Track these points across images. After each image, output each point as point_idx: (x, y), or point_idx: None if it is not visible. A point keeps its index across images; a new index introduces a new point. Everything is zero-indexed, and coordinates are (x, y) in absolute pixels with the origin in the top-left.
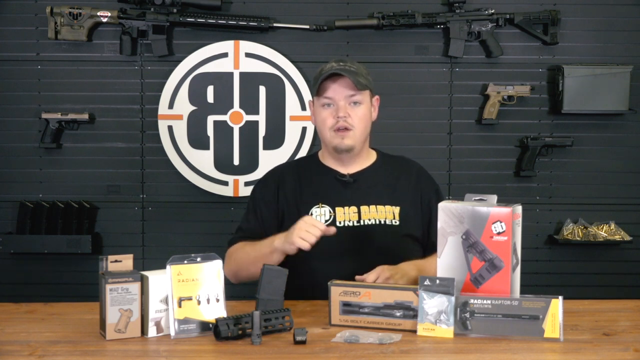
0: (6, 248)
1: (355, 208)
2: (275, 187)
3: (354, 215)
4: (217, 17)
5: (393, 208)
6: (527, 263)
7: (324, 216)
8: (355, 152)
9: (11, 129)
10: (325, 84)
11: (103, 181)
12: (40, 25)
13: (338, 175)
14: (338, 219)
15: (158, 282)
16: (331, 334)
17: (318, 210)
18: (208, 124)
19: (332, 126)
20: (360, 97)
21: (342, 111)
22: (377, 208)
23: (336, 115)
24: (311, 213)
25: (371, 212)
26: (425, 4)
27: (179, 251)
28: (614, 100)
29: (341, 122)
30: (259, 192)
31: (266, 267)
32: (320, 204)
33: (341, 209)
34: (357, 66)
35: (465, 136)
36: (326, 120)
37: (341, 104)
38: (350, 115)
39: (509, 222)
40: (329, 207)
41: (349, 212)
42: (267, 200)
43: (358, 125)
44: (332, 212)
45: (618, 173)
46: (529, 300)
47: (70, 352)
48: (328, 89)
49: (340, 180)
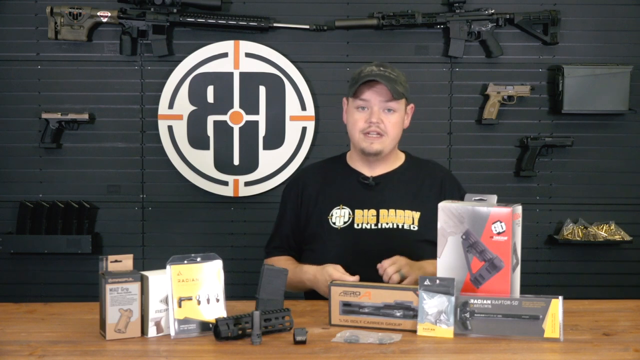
0: (6, 248)
1: (375, 211)
2: (299, 189)
3: (373, 218)
4: (217, 17)
5: (413, 213)
6: (527, 263)
7: (343, 217)
8: (382, 156)
9: (11, 129)
10: (363, 88)
11: (103, 181)
12: (40, 25)
13: (361, 178)
14: (357, 221)
15: (158, 282)
16: (331, 334)
17: (338, 212)
18: (208, 124)
19: (363, 129)
20: (396, 105)
21: (376, 117)
22: (397, 212)
23: (369, 119)
24: (332, 214)
25: (390, 216)
26: (425, 4)
27: (179, 251)
28: (614, 100)
29: (373, 127)
30: (285, 196)
31: (266, 267)
32: (340, 206)
33: (360, 211)
34: (397, 73)
35: (465, 136)
36: (358, 122)
37: (375, 109)
38: (383, 121)
39: (509, 222)
40: (349, 209)
41: (368, 214)
42: (293, 202)
43: (390, 132)
44: (351, 214)
45: (618, 173)
46: (529, 300)
47: (70, 352)
48: (364, 93)
49: (363, 182)
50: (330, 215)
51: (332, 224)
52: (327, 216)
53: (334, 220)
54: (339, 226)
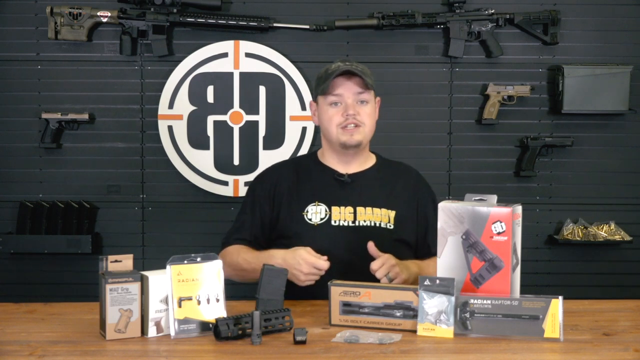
0: (6, 248)
1: (352, 208)
2: (272, 184)
3: (350, 215)
4: (217, 17)
5: (389, 212)
6: (527, 263)
7: (319, 214)
8: (361, 148)
9: (11, 129)
10: (335, 82)
11: (103, 181)
12: (40, 25)
13: (336, 175)
14: (333, 218)
15: (158, 282)
16: (331, 334)
17: (314, 208)
18: (208, 124)
19: (340, 123)
20: (368, 96)
21: (352, 109)
22: (373, 210)
23: (345, 113)
24: (307, 211)
25: (367, 214)
26: (425, 4)
27: (179, 251)
28: (614, 100)
29: (351, 119)
30: (256, 189)
31: (266, 267)
32: (316, 202)
33: (337, 208)
34: (362, 67)
35: (465, 136)
36: (333, 117)
37: (349, 102)
38: (359, 112)
39: (509, 222)
40: (325, 205)
41: (345, 212)
42: (264, 197)
43: (367, 122)
44: (327, 210)
45: (618, 173)
46: (529, 300)
47: (70, 352)
48: (338, 87)
49: (338, 179)
50: (306, 211)
51: (307, 220)
52: (302, 212)
53: (309, 216)
54: (315, 222)
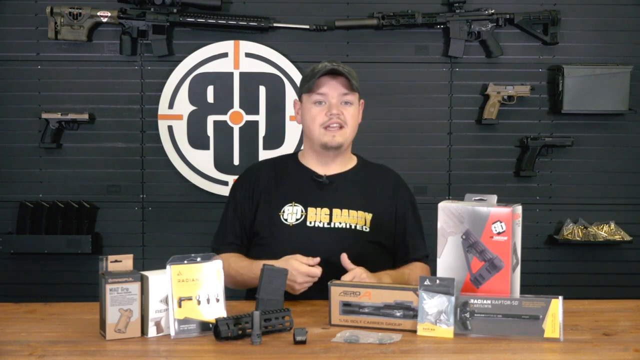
0: (6, 248)
1: (328, 210)
2: (251, 185)
3: (326, 217)
4: (217, 17)
5: (365, 214)
6: (527, 263)
7: (295, 214)
8: (342, 150)
9: (11, 129)
10: (321, 82)
11: (103, 181)
12: (40, 25)
13: (314, 176)
14: (309, 219)
15: (158, 282)
16: (331, 334)
17: (290, 209)
18: (208, 124)
19: (322, 123)
20: (352, 98)
21: (336, 108)
22: (350, 212)
23: (328, 112)
24: (283, 211)
25: (343, 216)
26: (425, 4)
27: (179, 251)
28: (614, 100)
29: (334, 118)
30: (237, 191)
31: (266, 267)
32: (293, 203)
33: (313, 209)
34: (349, 69)
35: (465, 136)
36: (317, 117)
37: (334, 101)
38: (343, 112)
39: (509, 222)
40: (301, 206)
41: (321, 213)
42: (243, 198)
43: (350, 123)
44: (304, 211)
45: (618, 173)
46: (529, 300)
47: (70, 352)
48: (323, 86)
49: (316, 180)
50: (282, 211)
51: (283, 220)
52: (279, 212)
53: (285, 216)
54: (290, 223)
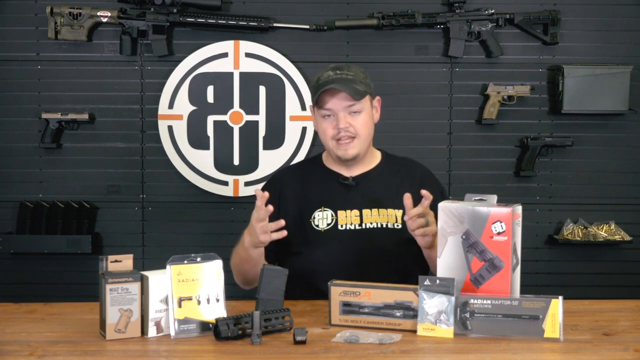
0: (6, 248)
1: (357, 211)
2: (276, 192)
3: (356, 218)
4: (217, 17)
5: (396, 211)
6: (527, 263)
7: (326, 219)
8: (359, 158)
9: (11, 129)
10: (323, 96)
11: (103, 181)
12: (40, 25)
13: (341, 179)
14: (340, 222)
15: (158, 282)
16: (331, 334)
17: (320, 214)
18: (208, 124)
19: (333, 136)
20: (360, 106)
21: (342, 122)
22: (380, 211)
23: (337, 126)
24: (314, 217)
25: (373, 216)
26: (425, 4)
27: (179, 251)
28: (614, 100)
29: (343, 132)
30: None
31: (266, 267)
32: (322, 208)
33: (343, 212)
34: (354, 72)
35: (465, 136)
36: (327, 130)
37: (340, 115)
38: (351, 124)
39: (509, 222)
40: (331, 210)
41: (351, 215)
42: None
43: (361, 133)
44: (334, 215)
45: (618, 173)
46: (529, 300)
47: (70, 352)
48: (326, 102)
49: (343, 183)
50: (313, 217)
51: (314, 226)
52: (310, 219)
53: (316, 222)
54: (322, 228)
